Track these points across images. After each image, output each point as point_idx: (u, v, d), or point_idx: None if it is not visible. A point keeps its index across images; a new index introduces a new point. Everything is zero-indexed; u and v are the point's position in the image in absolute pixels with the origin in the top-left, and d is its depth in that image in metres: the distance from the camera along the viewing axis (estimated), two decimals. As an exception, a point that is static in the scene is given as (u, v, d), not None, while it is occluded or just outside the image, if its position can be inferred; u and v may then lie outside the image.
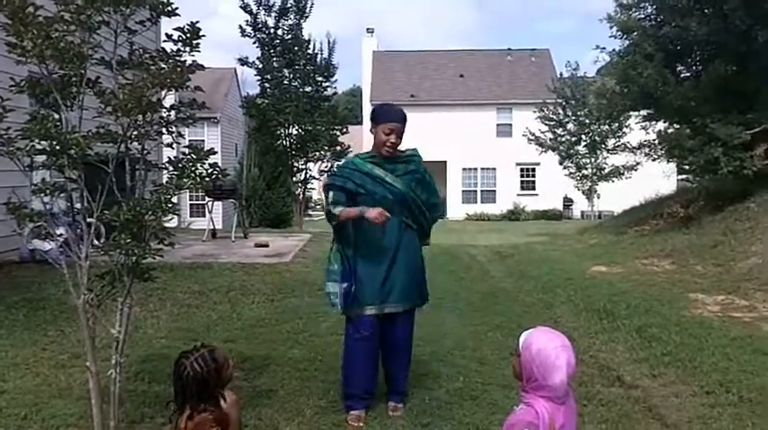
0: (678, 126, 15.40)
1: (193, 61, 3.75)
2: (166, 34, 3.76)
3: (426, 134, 33.39)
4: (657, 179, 25.80)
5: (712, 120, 13.31)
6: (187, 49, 3.74)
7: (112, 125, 3.62)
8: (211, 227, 14.68)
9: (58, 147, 3.46)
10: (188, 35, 3.72)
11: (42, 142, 3.52)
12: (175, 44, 3.74)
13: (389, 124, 4.52)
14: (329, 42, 24.04)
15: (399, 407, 4.69)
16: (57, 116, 3.60)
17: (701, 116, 13.60)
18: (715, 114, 13.46)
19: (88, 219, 3.61)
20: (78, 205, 3.67)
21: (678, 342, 6.38)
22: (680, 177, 23.95)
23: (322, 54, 23.79)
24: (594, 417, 4.56)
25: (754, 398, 4.85)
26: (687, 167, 15.26)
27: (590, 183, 31.70)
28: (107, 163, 3.59)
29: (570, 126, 31.80)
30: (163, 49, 3.80)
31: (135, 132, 3.64)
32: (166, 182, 3.68)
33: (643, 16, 15.96)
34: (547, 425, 2.48)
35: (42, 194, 3.59)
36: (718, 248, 11.20)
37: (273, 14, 22.79)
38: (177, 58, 3.73)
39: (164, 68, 3.66)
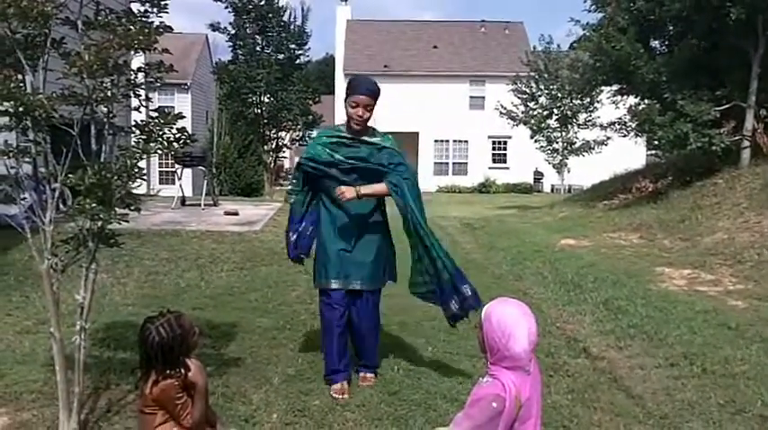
0: (649, 101, 15.50)
1: (161, 23, 3.66)
2: (134, -6, 3.68)
3: (399, 105, 33.32)
4: (627, 154, 26.01)
5: (682, 96, 13.40)
6: (155, 10, 3.65)
7: (78, 87, 3.53)
8: (181, 194, 14.54)
9: (21, 109, 3.36)
10: (156, -4, 3.63)
11: (5, 103, 3.42)
12: (143, 5, 3.65)
13: (354, 97, 4.40)
14: (303, 9, 23.84)
15: (369, 376, 4.70)
16: (20, 77, 3.49)
17: (671, 92, 13.70)
18: (685, 90, 13.56)
19: (53, 184, 3.53)
20: (43, 169, 3.58)
21: (644, 314, 6.47)
22: (649, 152, 24.15)
23: (295, 21, 23.53)
24: (561, 388, 4.61)
25: (717, 371, 4.93)
26: (656, 142, 15.40)
27: (560, 158, 31.81)
28: (72, 126, 3.51)
29: (542, 100, 31.81)
30: (130, 9, 3.70)
31: (101, 95, 3.55)
32: (133, 146, 3.61)
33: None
34: (513, 397, 2.48)
35: (6, 157, 3.50)
36: (685, 223, 11.35)
37: (247, -21, 22.45)
38: (144, 19, 3.64)
39: (131, 30, 3.57)
